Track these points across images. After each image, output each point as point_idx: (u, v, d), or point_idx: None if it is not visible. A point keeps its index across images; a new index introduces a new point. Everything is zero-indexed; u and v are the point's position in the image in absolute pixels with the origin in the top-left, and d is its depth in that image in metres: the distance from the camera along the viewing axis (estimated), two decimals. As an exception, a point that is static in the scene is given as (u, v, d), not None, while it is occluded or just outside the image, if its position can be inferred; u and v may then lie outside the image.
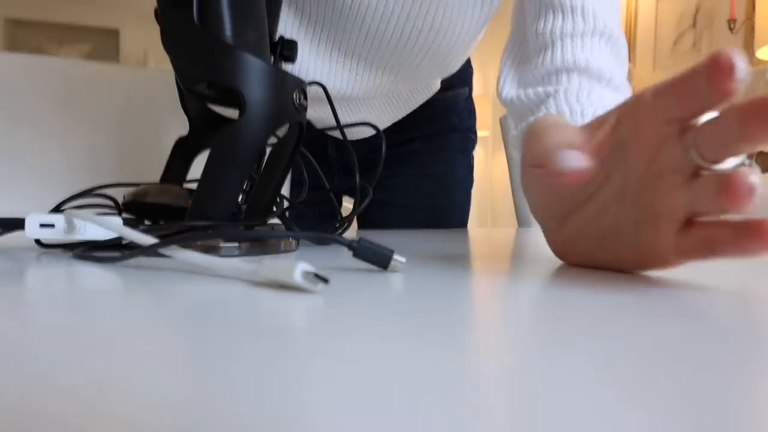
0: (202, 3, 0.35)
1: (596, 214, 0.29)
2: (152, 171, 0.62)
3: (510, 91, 0.52)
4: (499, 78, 0.54)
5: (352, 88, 0.64)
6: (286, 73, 0.38)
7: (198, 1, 0.35)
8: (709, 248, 0.24)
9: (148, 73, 0.80)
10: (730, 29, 2.31)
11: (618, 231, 0.28)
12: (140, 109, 0.77)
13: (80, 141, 0.74)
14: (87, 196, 0.43)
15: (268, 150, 0.43)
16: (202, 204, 0.36)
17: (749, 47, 2.21)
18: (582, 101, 0.43)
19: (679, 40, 2.57)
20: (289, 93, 0.38)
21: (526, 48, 0.52)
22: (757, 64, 2.13)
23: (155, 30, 0.44)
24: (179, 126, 0.49)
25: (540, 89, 0.48)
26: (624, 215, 0.27)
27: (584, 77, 0.47)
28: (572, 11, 0.50)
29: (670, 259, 0.26)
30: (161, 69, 0.79)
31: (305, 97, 0.40)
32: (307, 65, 0.61)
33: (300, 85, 0.39)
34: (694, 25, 2.49)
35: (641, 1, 2.74)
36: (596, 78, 0.47)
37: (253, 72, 0.35)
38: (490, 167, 3.75)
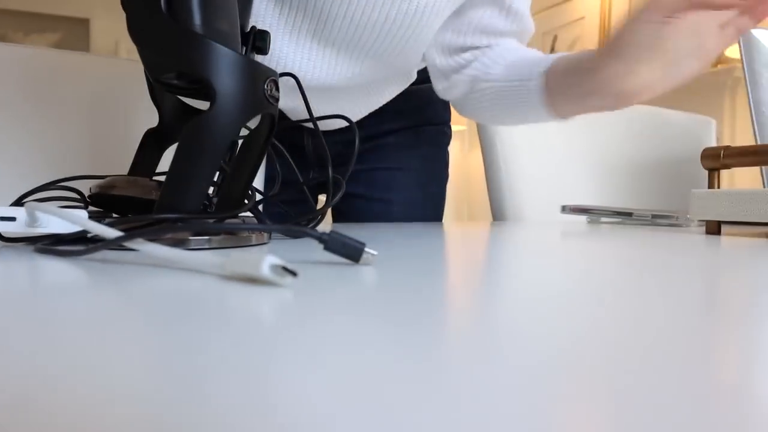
0: (171, -8, 0.34)
1: (673, 49, 0.47)
2: (121, 163, 0.61)
3: (438, 59, 0.66)
4: (430, 48, 0.67)
5: (331, 77, 0.63)
6: (257, 64, 0.37)
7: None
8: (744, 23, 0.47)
9: (118, 62, 0.78)
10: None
11: (689, 52, 0.48)
12: (109, 100, 0.75)
13: (47, 132, 0.72)
14: (51, 189, 0.42)
15: (240, 142, 0.43)
16: (170, 196, 0.35)
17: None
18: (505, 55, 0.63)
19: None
20: (260, 84, 0.37)
21: (455, 23, 0.65)
22: (725, 62, 2.18)
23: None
24: (149, 117, 0.48)
25: (469, 51, 0.65)
26: (690, 42, 0.47)
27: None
28: (511, 13, 0.64)
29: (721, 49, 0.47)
30: (131, 59, 0.77)
31: (277, 88, 0.40)
32: (286, 55, 0.61)
33: (272, 76, 0.39)
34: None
35: (615, -2, 2.78)
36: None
37: (224, 62, 0.34)
38: (467, 161, 3.77)
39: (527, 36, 0.68)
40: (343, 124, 0.73)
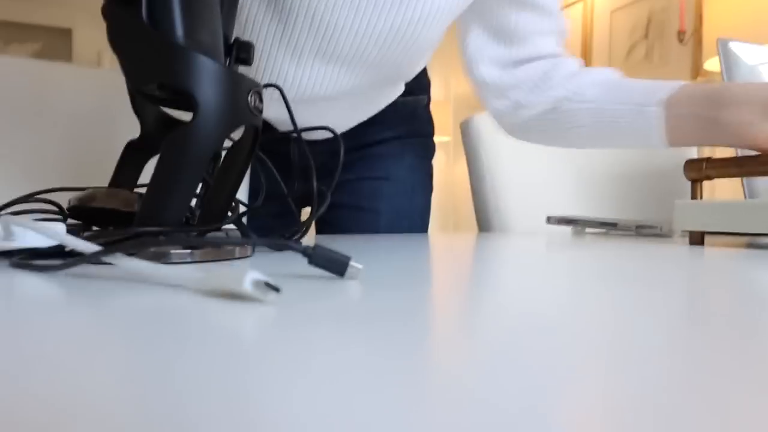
0: (152, 0, 0.34)
1: None
2: (102, 175, 0.60)
3: (489, 71, 0.66)
4: (469, 57, 0.68)
5: (330, 90, 0.62)
6: (240, 75, 0.37)
7: (149, 3, 0.33)
8: None
9: (100, 73, 0.77)
10: (680, 41, 2.40)
11: None
12: (91, 111, 0.74)
13: (26, 144, 0.71)
14: (29, 201, 0.41)
15: (224, 153, 0.42)
16: (151, 208, 0.34)
17: (697, 58, 2.29)
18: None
19: (632, 51, 2.65)
20: (243, 95, 0.37)
21: (496, 33, 0.66)
22: (704, 75, 2.22)
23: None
24: (131, 128, 0.48)
25: (528, 65, 0.65)
26: None
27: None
28: (543, 10, 0.65)
29: None
30: (112, 69, 0.76)
31: (261, 100, 0.40)
32: (286, 72, 0.60)
33: (255, 87, 0.38)
34: (646, 36, 2.58)
35: (596, 13, 2.82)
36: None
37: (206, 73, 0.34)
38: (452, 172, 3.78)
39: (564, 36, 0.68)
40: (330, 134, 0.73)
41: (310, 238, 0.62)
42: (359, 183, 0.77)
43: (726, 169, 0.52)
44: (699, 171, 0.54)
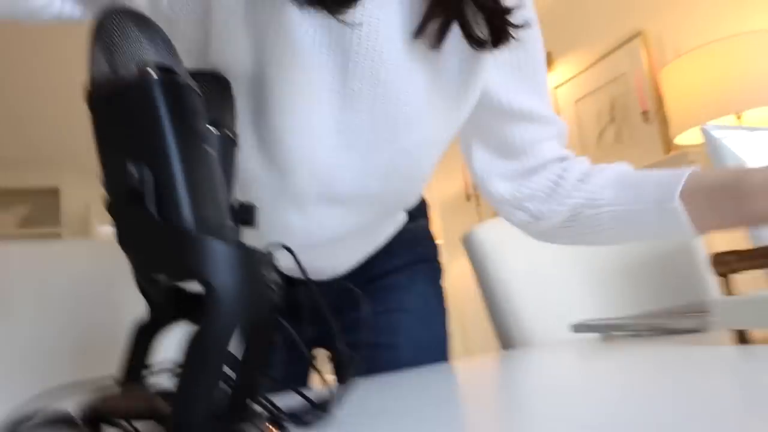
0: (159, 194, 0.33)
1: None
2: (110, 353, 0.57)
3: (502, 186, 0.66)
4: (479, 176, 0.67)
5: (337, 234, 0.61)
6: (252, 251, 0.35)
7: (155, 193, 0.33)
8: None
9: (92, 244, 0.76)
10: (645, 120, 2.50)
11: None
12: (89, 287, 0.72)
13: (24, 331, 0.68)
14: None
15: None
16: (183, 412, 0.31)
17: (666, 134, 2.37)
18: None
19: (602, 135, 2.74)
20: (258, 271, 0.35)
21: (499, 148, 0.66)
22: (676, 148, 2.28)
23: (96, 185, 0.42)
24: (135, 299, 0.45)
25: (539, 175, 0.65)
26: None
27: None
28: (538, 119, 0.64)
29: None
30: (106, 237, 0.75)
31: (276, 270, 0.38)
32: (292, 223, 0.59)
33: (268, 258, 0.37)
34: (612, 120, 2.68)
35: (561, 104, 2.95)
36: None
37: (220, 259, 0.33)
38: (449, 274, 3.75)
39: (565, 137, 0.69)
40: (337, 272, 0.72)
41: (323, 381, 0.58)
42: (374, 319, 0.74)
43: (754, 260, 0.50)
44: (727, 265, 0.52)
